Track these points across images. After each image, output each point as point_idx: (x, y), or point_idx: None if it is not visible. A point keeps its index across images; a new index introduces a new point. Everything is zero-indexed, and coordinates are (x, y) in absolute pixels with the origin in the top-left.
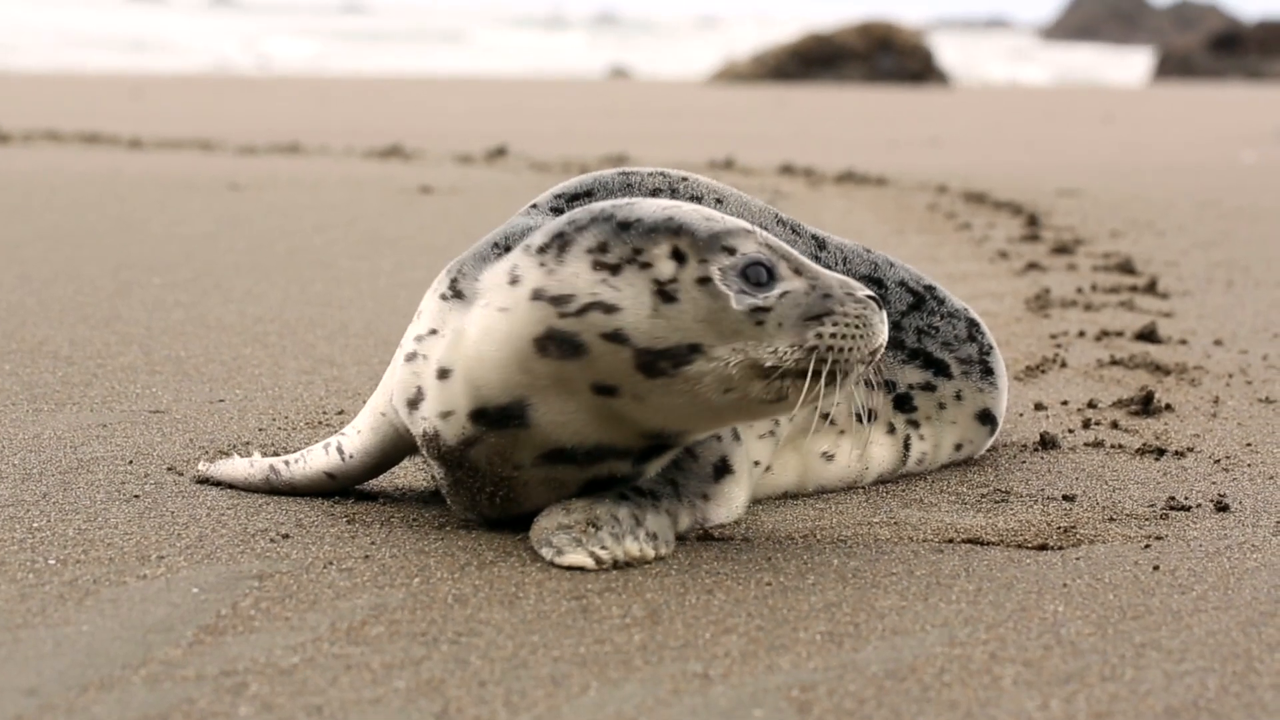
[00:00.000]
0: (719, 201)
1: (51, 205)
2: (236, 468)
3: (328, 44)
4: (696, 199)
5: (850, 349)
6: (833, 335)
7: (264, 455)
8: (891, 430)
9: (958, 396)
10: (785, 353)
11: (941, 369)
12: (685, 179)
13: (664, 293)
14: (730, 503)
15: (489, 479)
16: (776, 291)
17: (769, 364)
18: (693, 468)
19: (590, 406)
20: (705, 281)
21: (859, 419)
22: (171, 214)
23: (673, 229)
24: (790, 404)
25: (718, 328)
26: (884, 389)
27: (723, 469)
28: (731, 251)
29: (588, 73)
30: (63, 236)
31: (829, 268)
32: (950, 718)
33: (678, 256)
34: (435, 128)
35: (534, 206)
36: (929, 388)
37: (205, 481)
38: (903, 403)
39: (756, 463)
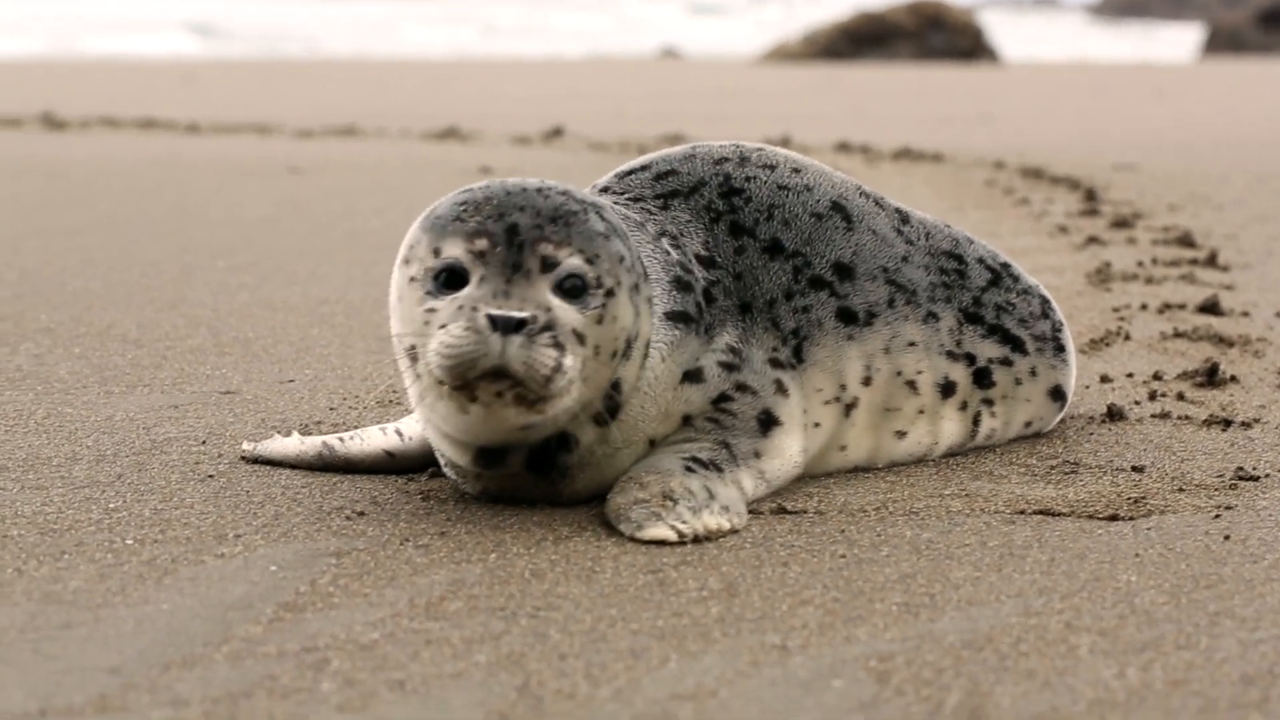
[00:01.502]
0: (796, 170)
1: (111, 191)
2: (286, 446)
3: (378, 27)
4: (770, 167)
5: (450, 365)
6: (437, 346)
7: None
8: (963, 406)
9: (1032, 373)
10: (430, 358)
11: (1018, 345)
12: (760, 149)
13: (403, 289)
14: (783, 454)
15: None
16: (449, 298)
17: (422, 367)
18: (736, 425)
19: None
20: (412, 280)
21: (941, 393)
22: (231, 198)
23: (419, 228)
24: (461, 409)
25: (415, 327)
26: (965, 361)
27: (767, 422)
28: (437, 254)
29: (638, 53)
30: (124, 222)
31: (911, 241)
32: (1028, 687)
33: (410, 255)
34: (491, 109)
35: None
36: (1006, 363)
37: (255, 461)
38: (982, 377)
39: (817, 424)
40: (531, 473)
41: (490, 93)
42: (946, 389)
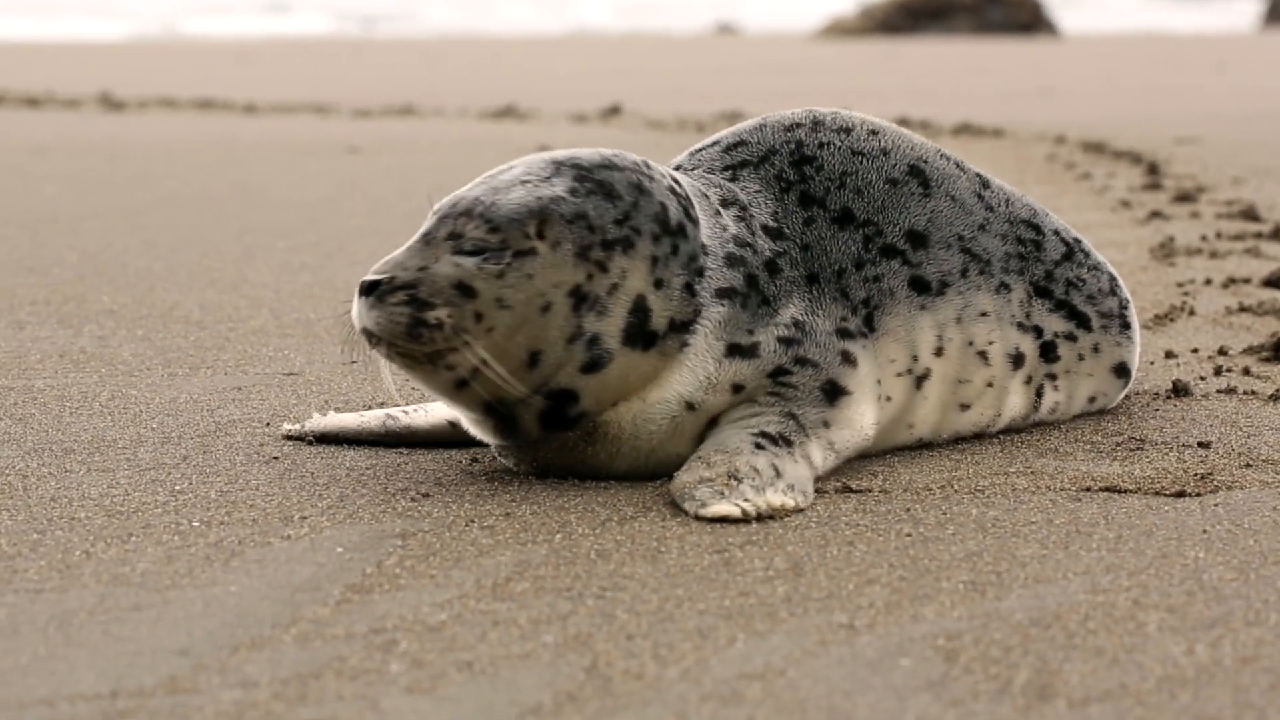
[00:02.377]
0: (873, 133)
1: (171, 172)
2: (344, 420)
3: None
4: (846, 130)
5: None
6: None
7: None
8: (1029, 380)
9: (1095, 349)
10: None
11: (1083, 321)
12: (836, 113)
13: None
14: (852, 424)
15: None
16: None
17: None
18: (799, 397)
19: None
20: None
21: (1011, 364)
22: (291, 178)
23: None
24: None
25: None
26: (1034, 333)
27: (833, 392)
28: None
29: (693, 28)
30: (184, 203)
31: (991, 208)
32: (1097, 664)
33: None
34: (547, 87)
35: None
36: (1071, 338)
37: (316, 439)
38: (1048, 351)
39: (889, 398)
40: (550, 430)
41: (545, 70)
42: (1016, 360)
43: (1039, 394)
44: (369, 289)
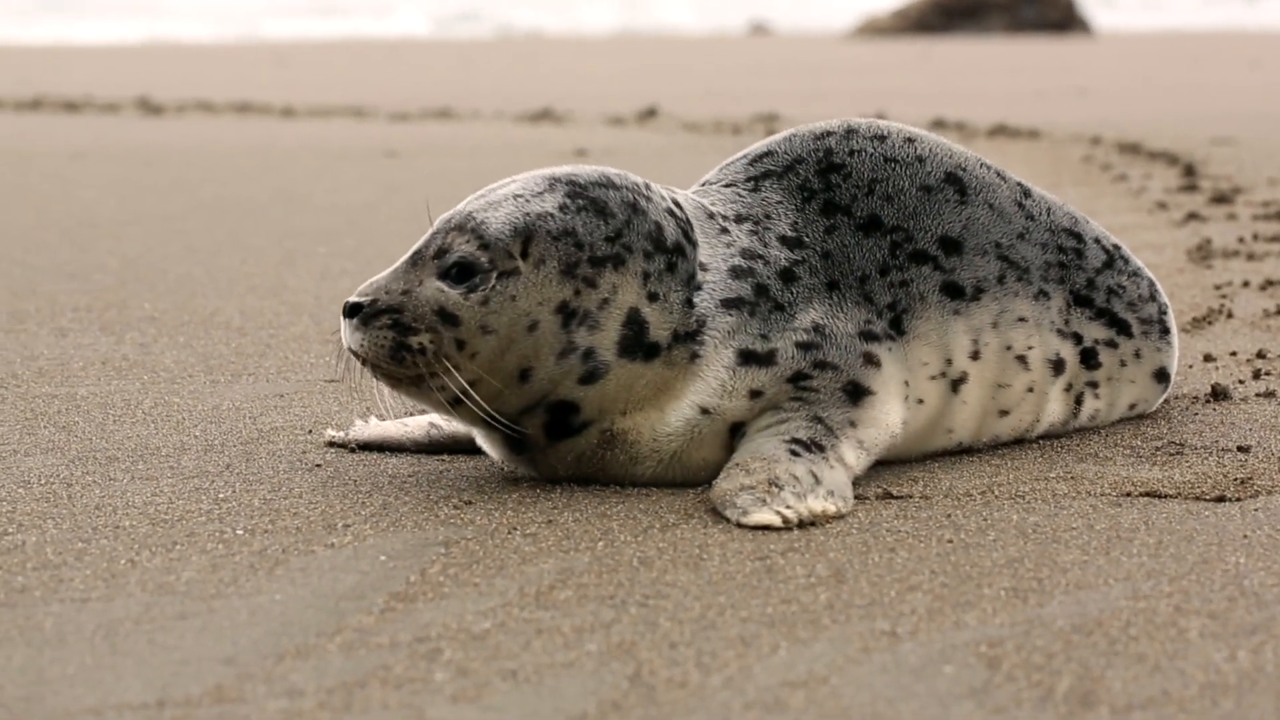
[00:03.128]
0: (910, 140)
1: (211, 177)
2: (388, 428)
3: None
4: (880, 138)
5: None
6: None
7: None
8: (1069, 387)
9: (1137, 355)
10: None
11: (1124, 328)
12: (871, 122)
13: None
14: (878, 423)
15: None
16: None
17: None
18: (822, 399)
19: None
20: None
21: (1052, 370)
22: (330, 182)
23: None
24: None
25: None
26: (1073, 340)
27: (856, 392)
28: None
29: (728, 29)
30: (225, 208)
31: (1032, 216)
32: (1138, 670)
33: None
34: (584, 89)
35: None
36: (1112, 345)
37: (359, 446)
38: (1088, 357)
39: (921, 401)
40: (556, 440)
41: (580, 72)
42: (1057, 366)
43: (1079, 401)
44: (351, 311)
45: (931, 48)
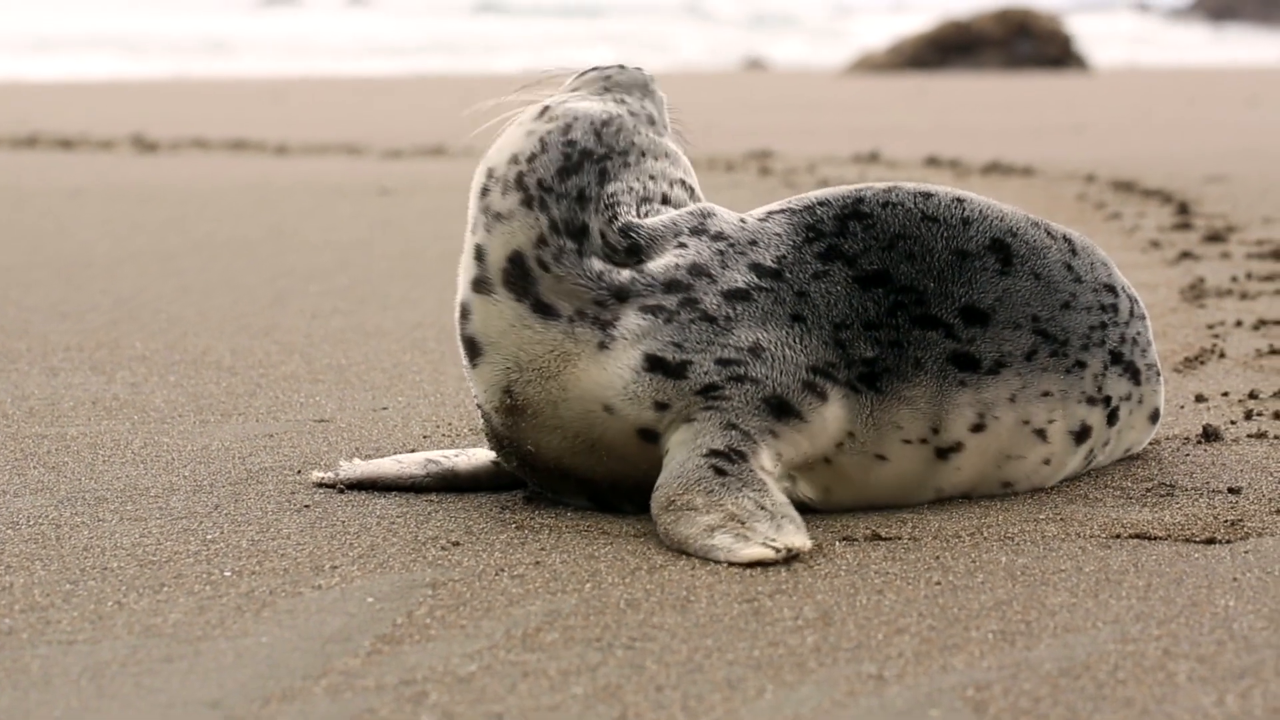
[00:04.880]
0: (959, 201)
1: (205, 215)
2: (382, 465)
3: (463, 43)
4: (925, 195)
5: None
6: None
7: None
8: (1090, 452)
9: (1140, 401)
10: None
11: (1136, 377)
12: (923, 185)
13: None
14: (798, 446)
15: None
16: None
17: None
18: (736, 408)
19: None
20: None
21: (1075, 440)
22: (323, 220)
23: None
24: None
25: None
26: (1103, 405)
27: (781, 408)
28: None
29: (723, 64)
30: (218, 246)
31: (1079, 279)
32: (1126, 715)
33: None
34: None
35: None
36: (1128, 398)
37: (354, 485)
38: (1113, 417)
39: (883, 458)
40: (463, 343)
41: None
42: (1081, 435)
43: (1090, 462)
44: None
45: (927, 84)
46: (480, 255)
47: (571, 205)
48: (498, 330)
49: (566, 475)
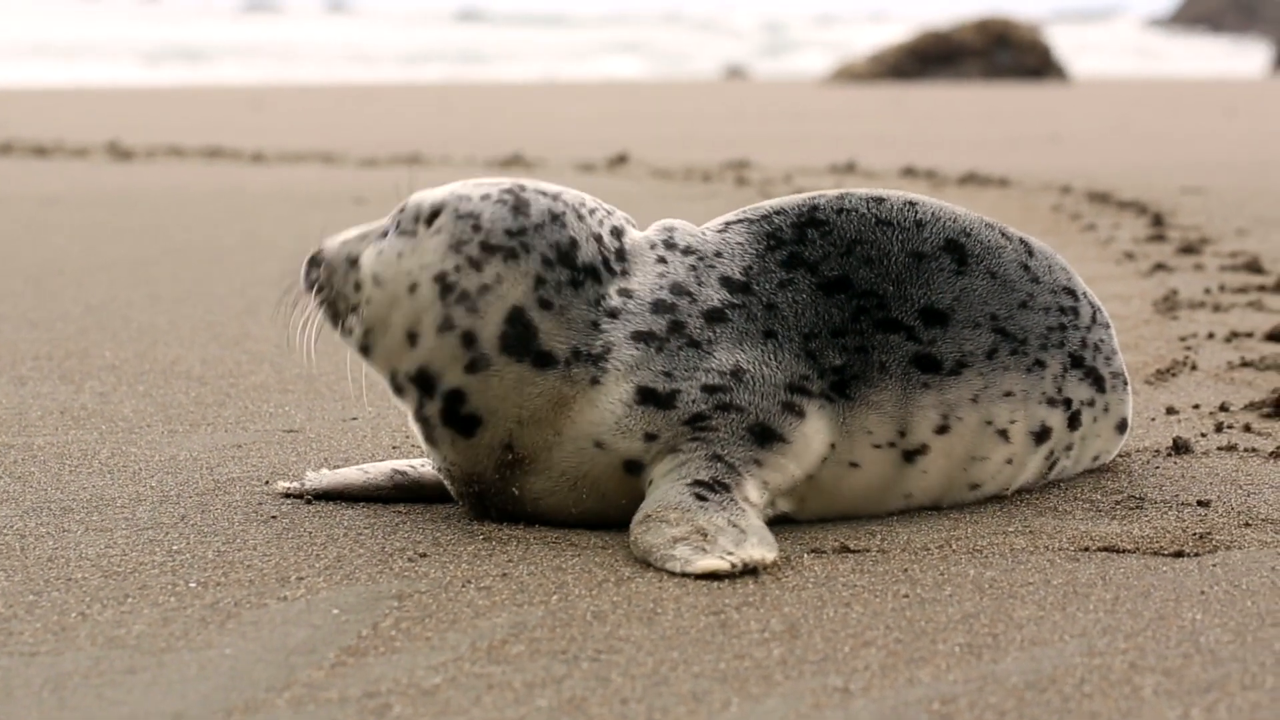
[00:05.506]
0: (910, 204)
1: (180, 223)
2: (349, 475)
3: (442, 51)
4: (877, 200)
5: None
6: None
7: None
8: (1050, 454)
9: (1106, 409)
10: None
11: (1100, 384)
12: (876, 191)
13: None
14: (784, 470)
15: None
16: None
17: None
18: (723, 439)
19: None
20: None
21: (1035, 440)
22: (297, 229)
23: None
24: None
25: None
26: (1063, 406)
27: (765, 435)
28: None
29: (702, 74)
30: (192, 254)
31: (1037, 279)
32: None
33: None
34: (554, 135)
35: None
36: (1091, 404)
37: (321, 496)
38: (1074, 420)
39: (856, 465)
40: (460, 433)
41: (553, 117)
42: (1041, 435)
43: (1053, 464)
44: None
45: (906, 94)
46: (470, 341)
47: (550, 230)
48: (498, 398)
49: (539, 516)
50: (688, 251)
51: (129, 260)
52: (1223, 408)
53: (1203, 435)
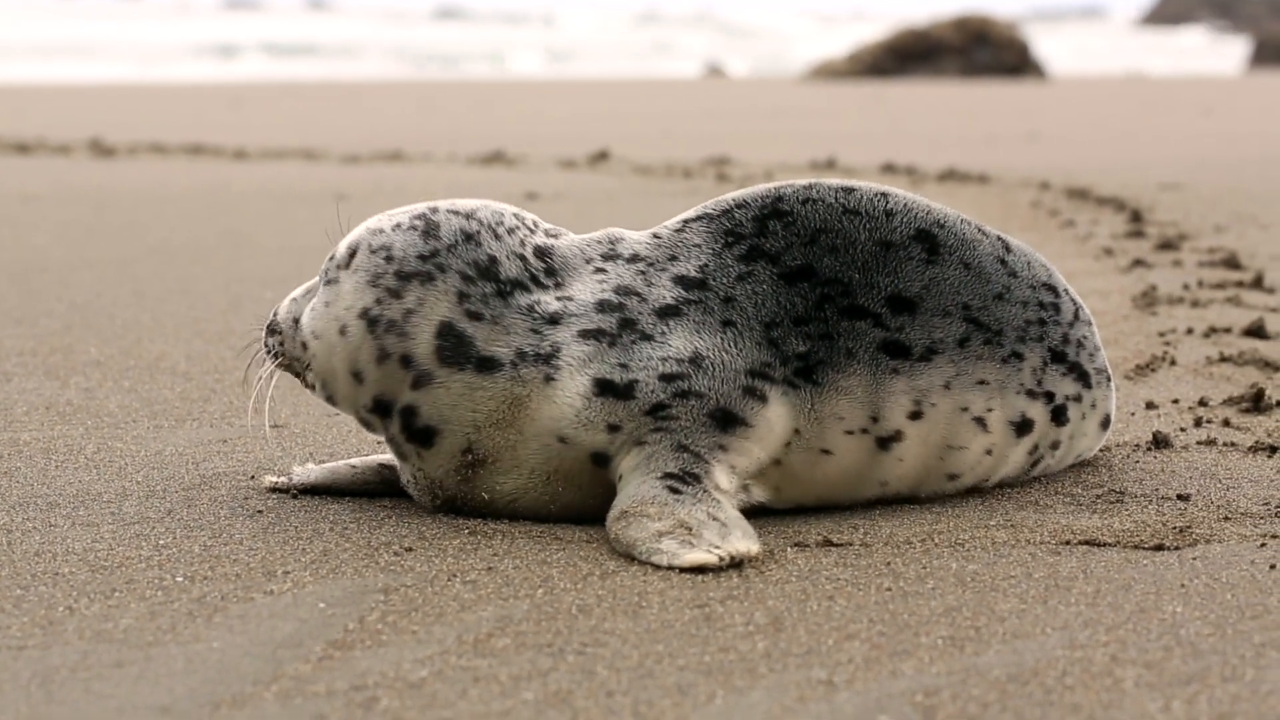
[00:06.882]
0: (882, 195)
1: (161, 220)
2: (336, 469)
3: (422, 48)
4: (847, 190)
5: None
6: None
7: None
8: (1034, 448)
9: (1093, 406)
10: None
11: (1086, 380)
12: (846, 181)
13: None
14: (750, 454)
15: None
16: None
17: None
18: (685, 427)
19: None
20: None
21: (1016, 431)
22: (280, 225)
23: None
24: None
25: None
26: (1044, 399)
27: (726, 420)
28: None
29: (682, 72)
30: (174, 252)
31: (1014, 274)
32: None
33: None
34: (536, 132)
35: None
36: (1078, 399)
37: (308, 490)
38: (1059, 415)
39: (828, 451)
40: (415, 443)
41: (535, 114)
42: (1022, 427)
43: (1036, 462)
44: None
45: (885, 91)
46: (408, 362)
47: (465, 249)
48: (449, 406)
49: (518, 518)
50: (634, 260)
51: (112, 258)
52: (1202, 402)
53: (1182, 430)
